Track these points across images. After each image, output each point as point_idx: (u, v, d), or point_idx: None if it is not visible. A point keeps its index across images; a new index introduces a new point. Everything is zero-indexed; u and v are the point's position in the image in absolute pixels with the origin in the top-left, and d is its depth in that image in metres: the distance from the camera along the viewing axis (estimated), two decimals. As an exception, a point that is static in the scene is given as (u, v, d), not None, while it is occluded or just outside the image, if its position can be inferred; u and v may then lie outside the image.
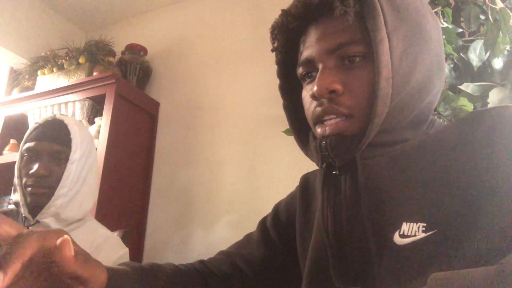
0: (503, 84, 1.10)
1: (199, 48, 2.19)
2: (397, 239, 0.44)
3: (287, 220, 0.68)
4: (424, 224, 0.42)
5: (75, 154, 1.00)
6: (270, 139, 1.78)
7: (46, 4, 2.47)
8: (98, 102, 1.95)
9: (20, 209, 0.98)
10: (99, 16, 2.56)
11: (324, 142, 0.50)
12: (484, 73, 1.15)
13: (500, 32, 1.07)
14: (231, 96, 1.97)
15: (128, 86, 1.98)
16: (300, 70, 0.55)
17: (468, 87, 1.09)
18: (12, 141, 2.06)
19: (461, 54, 1.18)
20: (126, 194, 1.85)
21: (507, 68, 1.12)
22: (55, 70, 2.11)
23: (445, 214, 0.41)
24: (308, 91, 0.53)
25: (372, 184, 0.48)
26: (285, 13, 0.55)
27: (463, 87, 1.09)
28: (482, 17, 1.20)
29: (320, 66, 0.51)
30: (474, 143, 0.43)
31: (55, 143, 0.99)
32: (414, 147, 0.49)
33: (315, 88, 0.49)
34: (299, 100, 0.58)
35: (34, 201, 0.96)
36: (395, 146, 0.50)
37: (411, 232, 0.43)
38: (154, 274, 0.57)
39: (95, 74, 1.97)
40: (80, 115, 1.94)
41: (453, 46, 1.13)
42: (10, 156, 1.97)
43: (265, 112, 1.84)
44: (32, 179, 0.96)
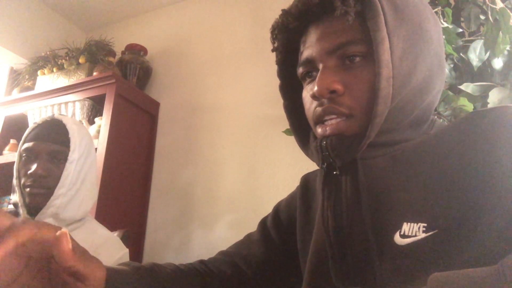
0: (503, 84, 1.10)
1: (199, 48, 2.19)
2: (397, 239, 0.44)
3: (288, 220, 0.68)
4: (425, 224, 0.42)
5: (74, 154, 1.00)
6: (270, 139, 1.78)
7: (46, 4, 2.47)
8: (98, 102, 1.95)
9: (19, 209, 0.97)
10: (99, 16, 2.56)
11: (324, 142, 0.50)
12: (484, 73, 1.15)
13: (500, 32, 1.07)
14: (231, 96, 1.97)
15: (128, 86, 1.97)
16: (301, 70, 0.55)
17: (468, 87, 1.09)
18: (12, 141, 2.06)
19: (461, 54, 1.18)
20: (126, 194, 1.85)
21: (507, 68, 1.12)
22: (55, 70, 2.11)
23: (445, 214, 0.41)
24: (308, 91, 0.53)
25: (373, 184, 0.48)
26: (285, 13, 0.55)
27: (463, 87, 1.09)
28: (482, 17, 1.20)
29: (320, 66, 0.51)
30: (474, 143, 0.43)
31: (54, 143, 0.99)
32: (415, 147, 0.49)
33: (316, 88, 0.49)
34: (299, 100, 0.58)
35: (32, 201, 0.96)
36: (396, 146, 0.50)
37: (411, 232, 0.43)
38: (154, 274, 0.57)
39: (95, 74, 1.97)
40: (80, 115, 1.94)
41: (453, 46, 1.13)
42: (10, 156, 1.97)
43: (265, 112, 1.83)
44: (31, 179, 0.96)
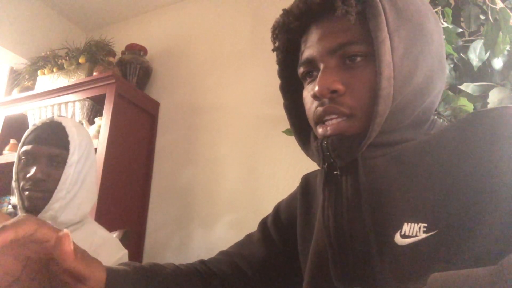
0: (503, 84, 1.10)
1: (199, 48, 2.19)
2: (398, 239, 0.43)
3: (288, 220, 0.68)
4: (425, 225, 0.42)
5: (73, 157, 0.99)
6: (270, 139, 1.78)
7: (46, 4, 2.46)
8: (98, 102, 1.95)
9: (18, 211, 0.97)
10: (99, 16, 2.55)
11: (325, 142, 0.50)
12: (484, 73, 1.15)
13: (500, 32, 1.07)
14: (231, 96, 1.97)
15: (128, 86, 1.97)
16: (301, 70, 0.55)
17: (468, 87, 1.09)
18: (12, 141, 2.05)
19: (461, 54, 1.18)
20: (126, 194, 1.85)
21: (507, 68, 1.12)
22: (55, 70, 2.10)
23: (446, 215, 0.41)
24: (309, 91, 0.53)
25: (374, 184, 0.48)
26: (286, 12, 0.55)
27: (463, 87, 1.09)
28: (482, 17, 1.19)
29: (321, 66, 0.51)
30: (475, 144, 0.43)
31: (53, 146, 0.98)
32: (416, 147, 0.49)
33: (317, 88, 0.49)
34: (300, 100, 0.58)
35: (31, 204, 0.96)
36: (397, 146, 0.50)
37: (412, 232, 0.43)
38: (154, 274, 0.57)
39: (95, 74, 1.97)
40: (80, 115, 1.94)
41: (453, 46, 1.13)
42: (10, 156, 1.97)
43: (265, 112, 1.83)
44: (30, 182, 0.96)
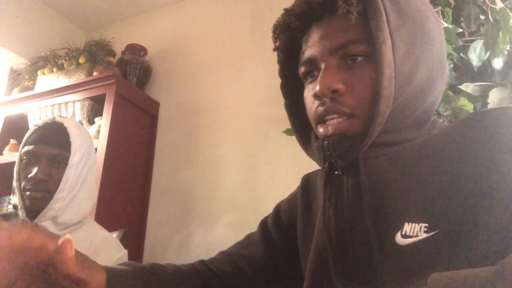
0: (503, 84, 1.10)
1: (199, 48, 2.19)
2: (399, 239, 0.43)
3: (288, 220, 0.68)
4: (426, 225, 0.42)
5: (74, 158, 1.00)
6: (270, 139, 1.78)
7: (46, 4, 2.46)
8: (98, 102, 1.95)
9: (19, 211, 0.97)
10: (99, 16, 2.55)
11: (326, 142, 0.50)
12: (484, 73, 1.15)
13: (500, 32, 1.07)
14: (231, 96, 1.97)
15: (128, 86, 1.97)
16: (302, 70, 0.55)
17: (468, 87, 1.09)
18: (12, 141, 2.05)
19: (461, 54, 1.18)
20: (126, 194, 1.85)
21: (507, 68, 1.12)
22: (55, 70, 2.10)
23: (447, 215, 0.41)
24: (310, 91, 0.53)
25: (374, 184, 0.48)
26: (287, 12, 0.55)
27: (463, 87, 1.09)
28: (482, 17, 1.19)
29: (322, 66, 0.51)
30: (475, 144, 0.43)
31: (54, 146, 0.99)
32: (417, 147, 0.48)
33: (318, 87, 0.49)
34: (300, 100, 0.58)
35: (32, 204, 0.96)
36: (398, 146, 0.50)
37: (413, 232, 0.43)
38: (154, 274, 0.57)
39: (95, 74, 1.97)
40: (80, 115, 1.94)
41: (453, 46, 1.13)
42: (10, 156, 1.97)
43: (265, 112, 1.83)
44: (31, 183, 0.96)
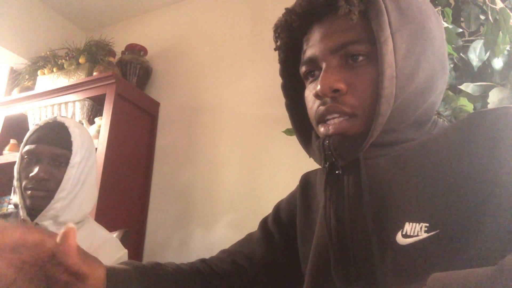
0: (503, 84, 1.10)
1: (199, 48, 2.19)
2: (399, 239, 0.44)
3: (288, 218, 0.68)
4: (427, 224, 0.42)
5: (76, 158, 1.00)
6: (270, 139, 1.78)
7: (46, 4, 2.46)
8: (98, 102, 1.95)
9: (19, 210, 0.97)
10: (99, 16, 2.55)
11: (327, 142, 0.50)
12: (484, 73, 1.15)
13: (500, 32, 1.07)
14: (231, 96, 1.97)
15: (128, 86, 1.97)
16: (303, 69, 0.55)
17: (468, 87, 1.09)
18: (12, 141, 2.05)
19: (461, 54, 1.18)
20: (126, 194, 1.85)
21: (507, 68, 1.12)
22: (55, 70, 2.10)
23: (447, 215, 0.41)
24: (311, 90, 0.53)
25: (375, 183, 0.48)
26: (289, 11, 0.55)
27: (463, 87, 1.09)
28: (482, 17, 1.20)
29: (323, 65, 0.51)
30: (476, 144, 0.43)
31: (56, 146, 0.99)
32: (417, 147, 0.49)
33: (319, 87, 0.49)
34: (301, 99, 0.58)
35: (33, 204, 0.96)
36: (398, 146, 0.50)
37: (413, 232, 0.43)
38: (155, 273, 0.57)
39: (95, 74, 1.97)
40: (80, 115, 1.94)
41: (453, 46, 1.13)
42: (10, 156, 1.96)
43: (265, 112, 1.83)
44: (32, 182, 0.96)
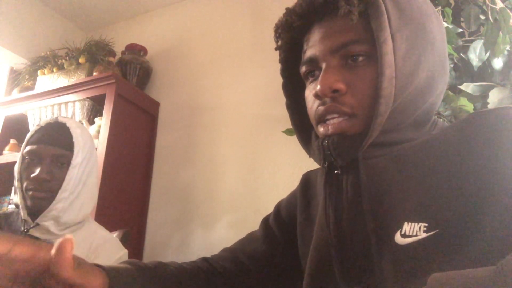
0: (503, 84, 1.10)
1: (199, 48, 2.19)
2: (398, 238, 0.44)
3: (288, 217, 0.69)
4: (426, 224, 0.42)
5: (77, 158, 0.99)
6: (270, 139, 1.78)
7: (46, 4, 2.46)
8: (98, 102, 1.95)
9: (20, 211, 0.97)
10: (99, 16, 2.55)
11: (326, 141, 0.50)
12: (484, 73, 1.15)
13: (500, 32, 1.07)
14: (231, 96, 1.97)
15: (128, 86, 1.97)
16: (304, 69, 0.55)
17: (468, 87, 1.09)
18: (12, 141, 2.05)
19: (461, 54, 1.18)
20: (126, 194, 1.85)
21: (507, 68, 1.12)
22: (55, 70, 2.10)
23: (446, 215, 0.41)
24: (311, 90, 0.53)
25: (374, 183, 0.48)
26: (289, 11, 0.55)
27: (463, 87, 1.09)
28: (482, 17, 1.20)
29: (323, 65, 0.51)
30: (475, 144, 0.43)
31: (57, 146, 0.99)
32: (417, 147, 0.49)
33: (318, 87, 0.49)
34: (301, 99, 0.58)
35: (35, 205, 0.96)
36: (398, 146, 0.50)
37: (412, 232, 0.43)
38: (158, 273, 0.57)
39: (95, 74, 1.97)
40: (80, 115, 1.94)
41: (453, 46, 1.13)
42: (10, 156, 1.96)
43: (265, 112, 1.84)
44: (34, 183, 0.96)
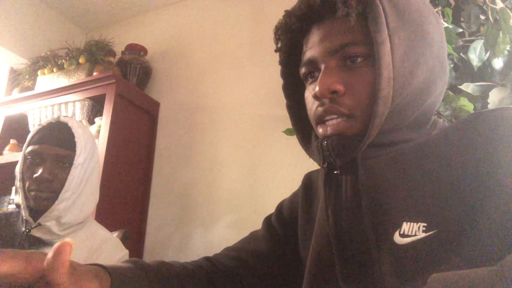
0: (503, 84, 1.10)
1: (199, 48, 2.19)
2: (397, 238, 0.44)
3: (290, 217, 0.69)
4: (425, 224, 0.42)
5: (79, 158, 0.99)
6: (270, 139, 1.78)
7: (46, 4, 2.47)
8: (98, 102, 1.95)
9: (22, 210, 0.97)
10: (99, 16, 2.55)
11: (325, 142, 0.51)
12: (484, 73, 1.15)
13: (500, 32, 1.07)
14: (231, 96, 1.97)
15: (128, 86, 1.97)
16: (303, 71, 0.55)
17: (468, 87, 1.09)
18: (12, 141, 2.05)
19: (461, 54, 1.18)
20: (126, 194, 1.85)
21: (507, 68, 1.12)
22: (55, 70, 2.10)
23: (445, 214, 0.41)
24: (310, 91, 0.54)
25: (373, 184, 0.49)
26: (288, 14, 0.55)
27: (463, 87, 1.09)
28: (482, 17, 1.20)
29: (322, 67, 0.52)
30: (475, 144, 0.43)
31: (60, 147, 0.98)
32: (416, 148, 0.49)
33: (317, 88, 0.49)
34: (302, 100, 0.58)
35: (37, 205, 0.96)
36: (396, 146, 0.50)
37: (411, 231, 0.43)
38: (161, 272, 0.57)
39: (95, 74, 1.97)
40: (80, 115, 1.94)
41: (453, 46, 1.13)
42: (10, 156, 1.96)
43: (265, 112, 1.84)
44: (36, 183, 0.96)
